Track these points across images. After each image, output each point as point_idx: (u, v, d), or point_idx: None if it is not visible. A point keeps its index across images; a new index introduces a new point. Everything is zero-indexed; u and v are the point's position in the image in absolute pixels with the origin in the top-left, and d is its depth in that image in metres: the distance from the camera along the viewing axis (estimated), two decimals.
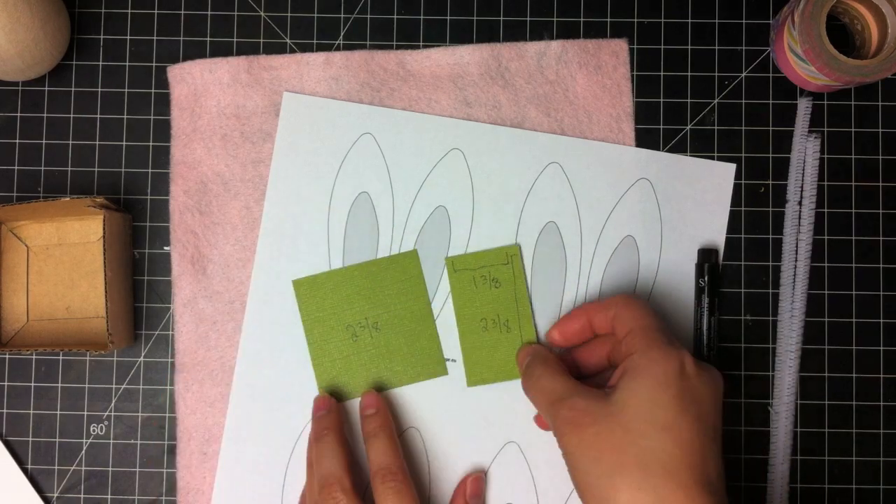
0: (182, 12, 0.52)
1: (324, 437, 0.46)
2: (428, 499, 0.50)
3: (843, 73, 0.46)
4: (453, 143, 0.51)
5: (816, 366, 0.51)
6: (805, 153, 0.51)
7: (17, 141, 0.52)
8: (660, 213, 0.51)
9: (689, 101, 0.51)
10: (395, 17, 0.52)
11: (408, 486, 0.44)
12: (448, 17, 0.52)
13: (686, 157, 0.51)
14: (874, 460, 0.50)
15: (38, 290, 0.51)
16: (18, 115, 0.52)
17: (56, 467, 0.51)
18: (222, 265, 0.51)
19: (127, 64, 0.52)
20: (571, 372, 0.46)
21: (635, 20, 0.52)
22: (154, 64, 0.52)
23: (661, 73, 0.52)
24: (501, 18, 0.52)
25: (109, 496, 0.51)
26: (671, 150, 0.51)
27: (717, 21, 0.52)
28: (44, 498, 0.50)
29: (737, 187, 0.51)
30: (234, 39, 0.52)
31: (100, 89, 0.52)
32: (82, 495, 0.51)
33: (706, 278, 0.50)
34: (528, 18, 0.52)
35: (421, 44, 0.52)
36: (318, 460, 0.46)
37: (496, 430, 0.50)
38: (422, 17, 0.52)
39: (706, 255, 0.50)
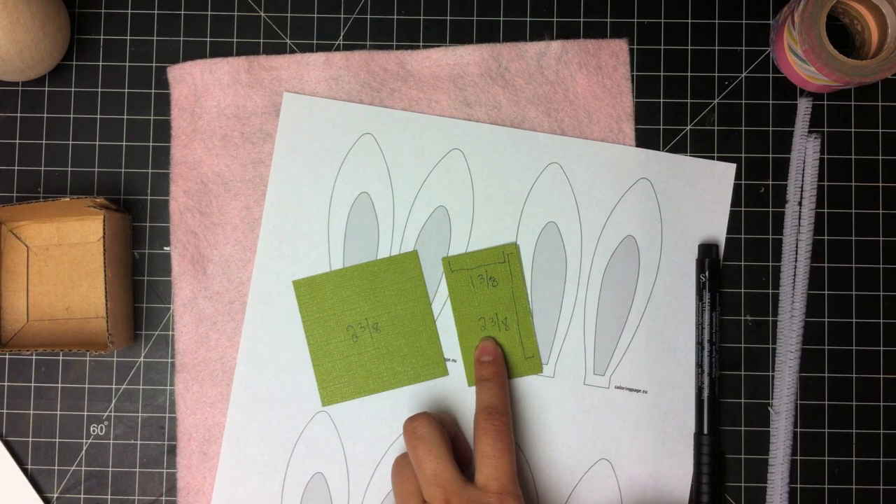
0: (182, 12, 0.52)
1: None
2: None
3: (843, 74, 0.46)
4: (453, 143, 0.51)
5: (816, 366, 0.51)
6: (805, 153, 0.51)
7: (17, 141, 0.52)
8: (660, 213, 0.51)
9: (689, 101, 0.51)
10: (395, 17, 0.52)
11: (509, 429, 0.45)
12: (448, 17, 0.52)
13: (686, 157, 0.51)
14: (874, 460, 0.50)
15: (38, 290, 0.51)
16: (18, 115, 0.52)
17: (56, 467, 0.51)
18: (222, 265, 0.51)
19: (127, 64, 0.52)
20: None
21: (635, 20, 0.52)
22: (154, 64, 0.52)
23: (661, 73, 0.52)
24: (501, 18, 0.52)
25: (109, 496, 0.51)
26: (671, 150, 0.51)
27: (717, 21, 0.52)
28: (44, 498, 0.50)
29: (737, 187, 0.51)
30: (234, 39, 0.52)
31: (100, 89, 0.52)
32: (82, 495, 0.51)
33: (707, 273, 0.49)
34: (528, 18, 0.52)
35: (421, 44, 0.52)
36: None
37: None
38: (422, 17, 0.52)
39: (707, 251, 0.50)
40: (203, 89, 0.51)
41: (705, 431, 0.49)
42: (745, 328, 0.51)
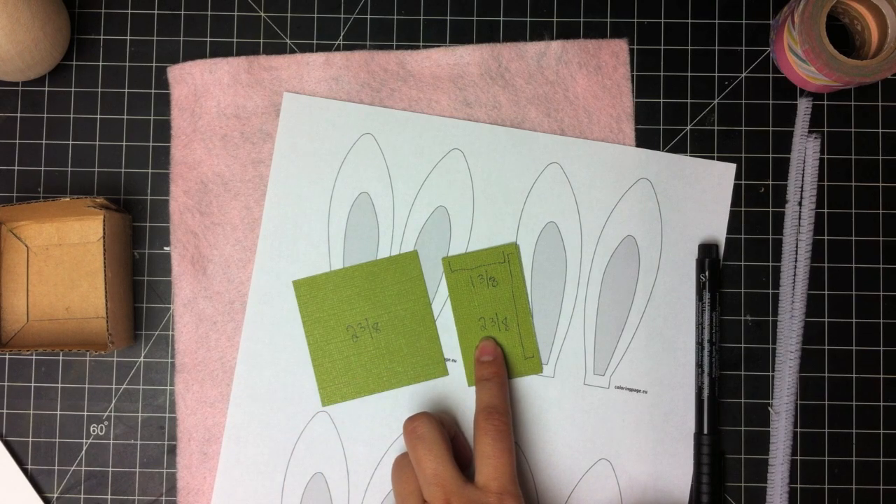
0: (182, 12, 0.52)
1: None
2: None
3: (843, 74, 0.46)
4: (453, 143, 0.51)
5: (816, 366, 0.51)
6: (805, 153, 0.51)
7: (17, 141, 0.52)
8: (660, 213, 0.51)
9: (689, 101, 0.51)
10: (395, 17, 0.52)
11: (509, 429, 0.46)
12: (448, 17, 0.52)
13: (686, 157, 0.51)
14: (874, 460, 0.50)
15: (38, 290, 0.51)
16: (18, 115, 0.52)
17: (56, 467, 0.51)
18: (222, 265, 0.51)
19: (127, 64, 0.52)
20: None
21: (635, 20, 0.52)
22: (154, 64, 0.52)
23: (661, 73, 0.52)
24: (501, 18, 0.52)
25: (109, 496, 0.51)
26: (671, 150, 0.51)
27: (717, 21, 0.52)
28: (44, 498, 0.50)
29: (737, 187, 0.51)
30: (234, 39, 0.52)
31: (100, 89, 0.52)
32: (82, 495, 0.51)
33: (707, 273, 0.49)
34: (528, 18, 0.52)
35: (421, 44, 0.52)
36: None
37: None
38: (422, 17, 0.52)
39: (707, 251, 0.50)
40: (203, 89, 0.51)
41: (705, 431, 0.49)
42: (745, 328, 0.51)
